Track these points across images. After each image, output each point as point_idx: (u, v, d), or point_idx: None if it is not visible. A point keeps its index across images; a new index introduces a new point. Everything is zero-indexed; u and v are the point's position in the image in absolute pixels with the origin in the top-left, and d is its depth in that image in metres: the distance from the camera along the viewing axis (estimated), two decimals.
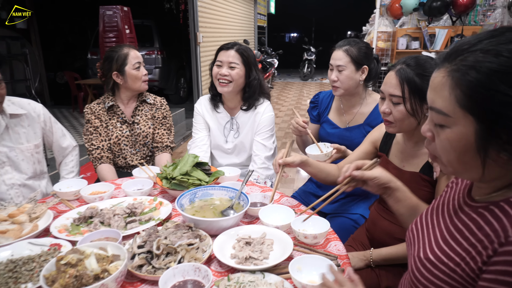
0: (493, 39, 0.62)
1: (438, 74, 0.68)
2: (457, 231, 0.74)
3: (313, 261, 1.02)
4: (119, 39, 5.05)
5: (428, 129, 0.74)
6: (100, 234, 1.16)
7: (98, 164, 1.93)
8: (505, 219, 0.63)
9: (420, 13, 4.00)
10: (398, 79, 1.23)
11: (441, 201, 0.88)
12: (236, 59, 1.84)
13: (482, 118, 0.62)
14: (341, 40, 1.82)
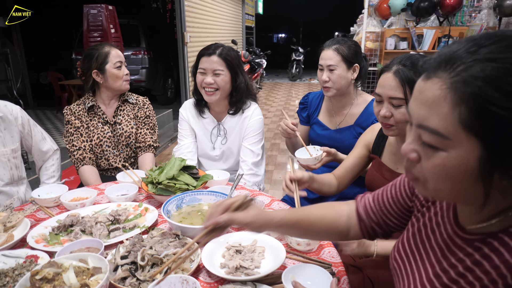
0: (499, 44, 0.51)
1: (432, 85, 0.54)
2: (451, 266, 0.64)
3: (308, 271, 0.98)
4: (104, 38, 4.94)
5: (412, 149, 0.60)
6: (81, 244, 1.09)
7: (81, 166, 1.85)
8: (506, 253, 0.54)
9: (408, 13, 4.01)
10: (398, 80, 1.19)
11: (423, 229, 0.77)
12: (219, 65, 1.74)
13: (490, 141, 0.50)
14: (329, 40, 1.78)
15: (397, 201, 0.87)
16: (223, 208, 0.84)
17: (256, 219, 0.84)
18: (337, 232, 0.93)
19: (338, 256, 1.13)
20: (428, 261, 0.70)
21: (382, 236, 0.92)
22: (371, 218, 0.90)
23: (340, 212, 0.94)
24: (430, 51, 3.97)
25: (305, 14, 21.04)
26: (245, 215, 0.84)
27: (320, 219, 0.92)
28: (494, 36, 0.52)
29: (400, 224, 0.88)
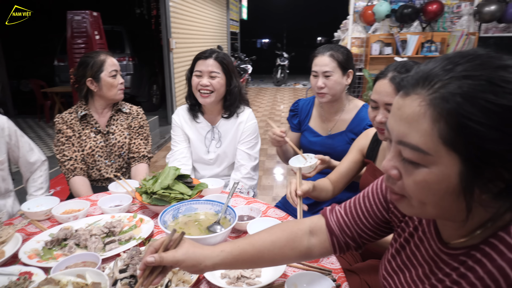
0: (475, 61, 0.53)
1: (411, 102, 0.55)
2: (438, 281, 0.65)
3: (309, 278, 0.98)
4: (88, 45, 4.86)
5: (393, 166, 0.60)
6: (76, 259, 1.06)
7: (71, 177, 1.80)
8: (489, 264, 0.55)
9: (392, 19, 4.10)
10: (393, 87, 1.21)
11: (406, 245, 0.78)
12: (216, 68, 1.77)
13: (469, 157, 0.52)
14: (321, 46, 1.78)
15: (373, 214, 0.85)
16: (154, 248, 0.76)
17: (187, 258, 0.75)
18: (296, 254, 0.86)
19: (337, 262, 1.13)
20: (417, 277, 0.72)
21: (354, 249, 0.90)
22: (346, 233, 0.87)
23: (297, 232, 0.87)
24: (414, 56, 4.07)
25: (288, 20, 21.24)
26: (174, 254, 0.74)
27: (271, 244, 0.83)
28: (468, 55, 0.54)
29: (376, 236, 0.87)
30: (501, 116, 0.49)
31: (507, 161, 0.51)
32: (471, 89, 0.50)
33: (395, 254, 0.80)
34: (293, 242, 0.85)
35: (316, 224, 0.89)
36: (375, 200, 0.85)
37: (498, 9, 3.83)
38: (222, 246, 0.80)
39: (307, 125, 1.94)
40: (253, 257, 0.82)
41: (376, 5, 4.05)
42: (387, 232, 0.87)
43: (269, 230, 0.87)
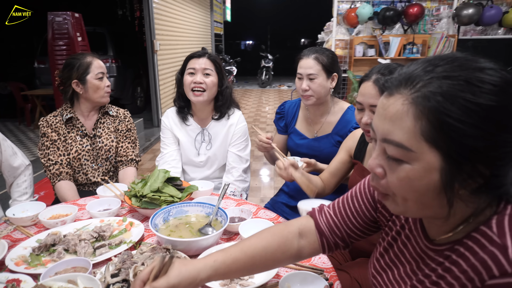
0: (453, 63, 0.56)
1: (395, 101, 0.58)
2: (425, 277, 0.67)
3: (302, 278, 0.99)
4: (70, 47, 4.77)
5: (378, 164, 0.63)
6: (66, 264, 1.05)
7: (57, 181, 1.76)
8: (472, 257, 0.57)
9: (374, 22, 4.18)
10: (377, 89, 1.24)
11: (394, 244, 0.80)
12: (209, 65, 1.78)
13: (449, 153, 0.54)
14: (307, 49, 1.79)
15: (362, 214, 0.87)
16: (142, 280, 0.72)
17: (182, 279, 0.73)
18: (287, 257, 0.87)
19: (329, 262, 1.15)
20: (405, 274, 0.74)
21: (343, 248, 0.91)
22: (335, 233, 0.88)
23: (287, 235, 0.87)
24: (397, 58, 4.15)
25: (272, 22, 21.35)
26: (168, 280, 0.72)
27: (263, 250, 0.83)
28: (447, 57, 0.57)
29: (364, 235, 0.89)
30: (479, 114, 0.52)
31: (485, 157, 0.54)
32: (451, 88, 0.53)
33: (383, 252, 0.82)
34: (284, 246, 0.86)
35: (305, 226, 0.90)
36: (363, 199, 0.87)
37: (475, 13, 3.95)
38: (214, 256, 0.80)
39: (293, 128, 1.95)
40: (246, 264, 0.82)
41: (359, 8, 4.12)
42: (374, 230, 0.89)
43: (259, 235, 0.87)
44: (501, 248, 0.54)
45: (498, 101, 0.52)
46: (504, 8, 4.08)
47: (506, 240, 0.54)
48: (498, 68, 0.55)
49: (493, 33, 4.34)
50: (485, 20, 4.00)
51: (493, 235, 0.56)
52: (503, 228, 0.56)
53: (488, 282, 0.53)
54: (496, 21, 4.00)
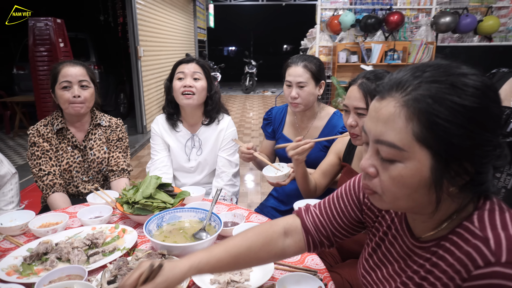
0: (440, 69, 0.60)
1: (387, 104, 0.62)
2: (414, 273, 0.70)
3: (298, 279, 1.01)
4: (52, 53, 4.70)
5: (371, 164, 0.66)
6: (60, 272, 1.04)
7: (51, 193, 1.70)
8: (457, 251, 0.61)
9: (357, 29, 4.28)
10: (361, 92, 1.29)
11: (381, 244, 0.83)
12: (198, 69, 1.80)
13: (438, 152, 0.58)
14: (294, 56, 1.81)
15: (347, 214, 0.89)
16: (130, 285, 0.74)
17: (169, 283, 0.75)
18: (271, 256, 0.89)
19: (321, 263, 1.17)
20: (393, 272, 0.77)
21: (327, 247, 0.94)
22: (321, 232, 0.90)
23: (272, 235, 0.89)
24: (379, 64, 4.26)
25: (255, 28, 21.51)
26: (155, 285, 0.74)
27: (247, 249, 0.85)
28: (433, 64, 0.62)
29: (349, 235, 0.92)
30: (465, 115, 0.57)
31: (470, 155, 0.59)
32: (439, 91, 0.57)
33: (372, 252, 0.85)
34: (268, 246, 0.87)
35: (291, 225, 0.92)
36: (348, 200, 0.90)
37: (452, 21, 4.11)
38: (199, 257, 0.81)
39: (281, 133, 1.97)
40: (230, 264, 0.84)
41: (342, 15, 4.22)
42: (359, 230, 0.92)
43: (244, 234, 0.88)
44: (483, 240, 0.58)
45: (480, 103, 0.57)
46: (479, 17, 4.26)
47: (487, 233, 0.58)
48: (479, 74, 0.60)
49: (469, 40, 4.52)
50: (461, 28, 4.16)
51: (475, 229, 0.60)
52: (484, 222, 0.60)
53: (474, 272, 0.57)
54: (472, 29, 4.17)
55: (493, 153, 0.60)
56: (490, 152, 0.59)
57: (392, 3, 4.36)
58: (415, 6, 4.46)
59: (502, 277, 0.53)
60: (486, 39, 4.38)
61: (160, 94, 7.38)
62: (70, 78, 1.71)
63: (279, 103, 9.45)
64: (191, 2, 10.43)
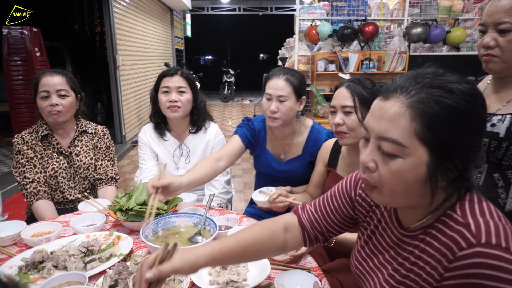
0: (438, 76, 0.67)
1: (392, 105, 0.68)
2: (404, 259, 0.76)
3: (294, 276, 1.06)
4: (28, 62, 4.61)
5: (371, 159, 0.71)
6: (60, 280, 1.05)
7: (35, 201, 1.70)
8: (442, 237, 0.68)
9: (334, 39, 4.43)
10: (349, 92, 1.39)
11: (372, 236, 0.89)
12: (183, 83, 1.82)
13: (436, 149, 0.65)
14: (276, 69, 1.73)
15: (340, 211, 0.96)
16: (148, 265, 0.79)
17: (184, 263, 0.81)
18: (274, 249, 0.96)
19: (314, 262, 1.23)
20: (385, 261, 0.83)
21: (322, 242, 1.01)
22: (316, 228, 0.97)
23: (275, 230, 0.96)
24: (355, 72, 4.42)
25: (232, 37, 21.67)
26: (172, 264, 0.79)
27: (254, 241, 0.92)
28: (431, 71, 0.69)
29: (342, 231, 0.99)
30: (460, 117, 0.64)
31: (461, 153, 0.66)
32: (439, 95, 0.65)
33: (364, 244, 0.92)
34: (272, 239, 0.95)
35: (289, 221, 0.99)
36: (341, 198, 0.97)
37: (423, 31, 4.33)
38: (212, 245, 0.88)
39: (264, 149, 1.85)
40: (239, 254, 0.90)
41: (319, 26, 4.36)
42: (351, 226, 0.99)
43: (251, 228, 0.96)
44: (465, 226, 0.66)
45: (471, 108, 0.65)
46: (447, 28, 4.51)
47: (468, 219, 0.66)
48: (468, 81, 0.67)
49: (439, 50, 4.76)
50: (431, 38, 4.38)
51: (457, 216, 0.68)
52: (465, 210, 0.68)
53: (458, 254, 0.63)
54: (441, 39, 4.40)
55: (478, 153, 0.68)
56: (476, 152, 0.67)
57: (367, 15, 4.54)
58: (388, 17, 4.67)
59: (483, 255, 0.61)
60: (454, 49, 4.63)
61: (138, 104, 7.32)
62: (48, 88, 1.72)
63: (258, 111, 9.55)
64: (168, 12, 10.44)
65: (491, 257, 0.60)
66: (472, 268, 0.61)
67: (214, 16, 15.38)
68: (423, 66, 0.73)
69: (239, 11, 13.94)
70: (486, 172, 1.22)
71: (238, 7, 13.90)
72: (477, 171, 1.24)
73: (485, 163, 1.22)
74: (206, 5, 13.94)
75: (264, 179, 1.91)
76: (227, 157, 1.66)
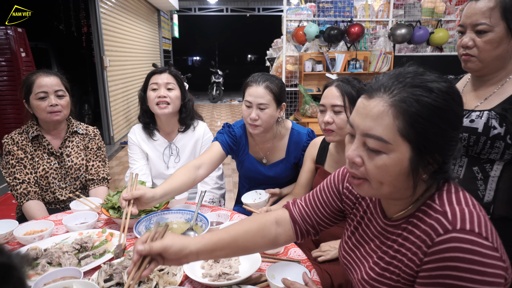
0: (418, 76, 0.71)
1: (376, 103, 0.71)
2: (388, 247, 0.81)
3: (284, 267, 1.10)
4: (13, 63, 4.55)
5: (357, 154, 0.75)
6: (55, 275, 1.06)
7: (25, 201, 1.70)
8: (422, 225, 0.73)
9: (321, 40, 4.50)
10: (339, 91, 1.43)
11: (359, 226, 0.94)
12: (171, 80, 1.85)
13: (417, 145, 0.69)
14: (256, 74, 1.69)
15: (329, 204, 1.00)
16: (141, 241, 0.84)
17: (174, 243, 0.84)
18: (265, 242, 0.99)
19: (303, 255, 1.28)
20: (370, 250, 0.88)
21: (313, 236, 1.05)
22: (307, 221, 1.01)
23: (265, 223, 0.99)
24: (342, 73, 4.49)
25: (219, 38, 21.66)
26: (162, 241, 0.84)
27: (244, 233, 0.95)
28: (412, 71, 0.73)
29: (331, 224, 1.04)
30: (439, 115, 0.69)
31: (440, 148, 0.71)
32: (419, 94, 0.69)
33: (351, 235, 0.97)
34: (262, 231, 0.98)
35: (281, 216, 1.03)
36: (330, 192, 1.02)
37: (407, 32, 4.43)
38: (201, 236, 0.92)
39: (247, 154, 1.86)
40: (230, 244, 0.93)
41: (306, 27, 4.42)
42: (340, 219, 1.04)
43: (241, 222, 1.01)
44: (442, 213, 0.71)
45: (449, 105, 0.70)
46: (430, 29, 4.62)
47: (446, 208, 0.71)
48: (446, 79, 0.72)
49: (423, 50, 4.88)
50: (415, 39, 4.49)
51: (436, 205, 0.73)
52: (443, 199, 0.74)
53: (436, 239, 0.68)
54: (425, 40, 4.51)
55: (456, 147, 0.73)
56: (454, 146, 0.72)
57: (353, 16, 4.63)
58: (374, 18, 4.77)
59: (458, 240, 0.66)
60: (437, 49, 4.75)
61: (126, 105, 7.27)
62: (46, 88, 1.73)
63: None
64: (155, 12, 10.40)
65: (465, 242, 0.65)
66: (448, 252, 0.66)
67: (202, 17, 15.37)
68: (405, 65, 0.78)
69: (226, 11, 13.96)
70: (466, 165, 1.28)
71: (226, 8, 13.92)
72: (458, 164, 1.30)
73: (465, 157, 1.28)
74: (193, 6, 13.92)
75: (248, 183, 1.94)
76: (207, 165, 1.62)
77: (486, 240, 0.66)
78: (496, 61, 1.22)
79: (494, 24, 1.17)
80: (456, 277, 0.65)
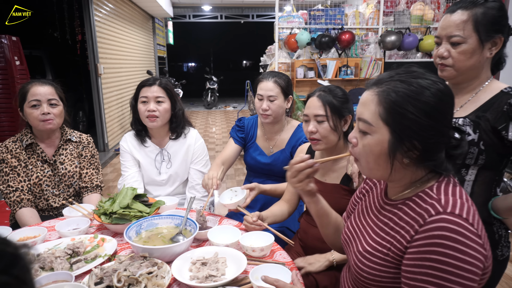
0: (407, 74, 0.84)
1: (368, 93, 0.87)
2: (384, 224, 0.91)
3: (269, 269, 1.15)
4: (7, 71, 4.57)
5: (354, 136, 0.91)
6: (47, 279, 1.10)
7: (18, 209, 1.73)
8: (417, 208, 0.83)
9: (312, 47, 4.58)
10: (321, 101, 1.48)
11: (364, 206, 1.06)
12: (161, 93, 1.87)
13: (394, 129, 0.82)
14: (266, 72, 1.99)
15: None
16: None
17: None
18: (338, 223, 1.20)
19: (288, 257, 1.32)
20: (368, 226, 0.98)
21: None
22: None
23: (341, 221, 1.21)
24: (334, 79, 4.57)
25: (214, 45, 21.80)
26: None
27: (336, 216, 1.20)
28: (406, 69, 0.86)
29: None
30: (412, 103, 0.80)
31: (418, 135, 0.81)
32: (399, 86, 0.82)
33: (356, 215, 1.08)
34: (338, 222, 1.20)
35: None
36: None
37: (397, 39, 4.53)
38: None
39: (254, 142, 2.10)
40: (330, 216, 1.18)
41: (298, 34, 4.51)
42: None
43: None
44: (437, 200, 0.81)
45: (424, 96, 0.80)
46: (419, 36, 4.72)
47: (441, 196, 0.81)
48: (428, 77, 0.83)
49: (413, 56, 4.98)
50: (405, 46, 4.59)
51: (432, 193, 0.83)
52: (440, 189, 0.84)
53: (428, 220, 0.78)
54: (414, 46, 4.61)
55: (438, 137, 0.82)
56: (435, 135, 0.81)
57: (344, 23, 4.72)
58: (364, 26, 4.86)
59: (446, 221, 0.75)
60: (427, 56, 4.85)
61: (121, 112, 7.31)
62: (39, 97, 1.78)
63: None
64: (150, 20, 10.47)
65: (452, 223, 0.75)
66: (436, 230, 0.75)
67: (196, 24, 15.47)
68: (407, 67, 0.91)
69: (221, 18, 14.06)
70: None
71: (220, 15, 14.02)
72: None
73: None
74: (188, 13, 14.01)
75: (252, 174, 2.14)
76: (228, 159, 2.03)
77: (472, 226, 0.75)
78: (470, 71, 1.28)
79: (467, 36, 1.23)
80: (440, 253, 0.73)
